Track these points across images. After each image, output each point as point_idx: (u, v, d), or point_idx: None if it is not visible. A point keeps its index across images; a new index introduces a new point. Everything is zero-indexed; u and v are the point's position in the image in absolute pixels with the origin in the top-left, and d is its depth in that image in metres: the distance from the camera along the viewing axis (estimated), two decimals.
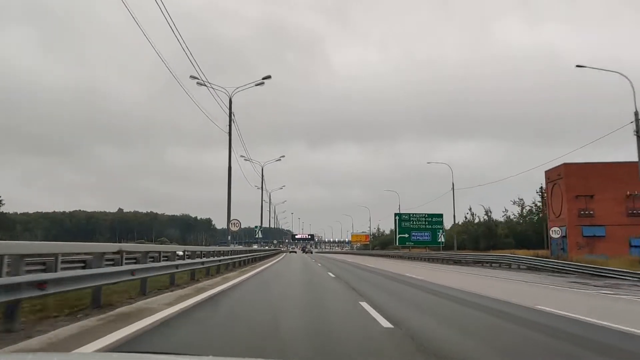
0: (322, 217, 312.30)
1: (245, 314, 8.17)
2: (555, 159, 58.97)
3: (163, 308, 7.92)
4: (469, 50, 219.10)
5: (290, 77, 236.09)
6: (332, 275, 19.32)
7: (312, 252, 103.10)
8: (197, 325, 6.71)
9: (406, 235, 57.20)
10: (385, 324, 6.86)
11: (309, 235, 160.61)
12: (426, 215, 57.55)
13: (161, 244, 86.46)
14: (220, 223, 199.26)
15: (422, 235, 57.16)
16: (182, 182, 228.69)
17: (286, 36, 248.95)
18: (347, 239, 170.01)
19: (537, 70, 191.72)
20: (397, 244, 58.14)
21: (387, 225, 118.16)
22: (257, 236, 48.54)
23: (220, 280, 14.99)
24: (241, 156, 40.46)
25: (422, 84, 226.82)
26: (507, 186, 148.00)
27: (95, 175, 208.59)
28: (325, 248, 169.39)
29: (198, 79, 24.56)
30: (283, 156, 49.15)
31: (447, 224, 60.90)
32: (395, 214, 58.56)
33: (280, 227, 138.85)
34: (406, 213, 58.33)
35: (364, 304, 9.15)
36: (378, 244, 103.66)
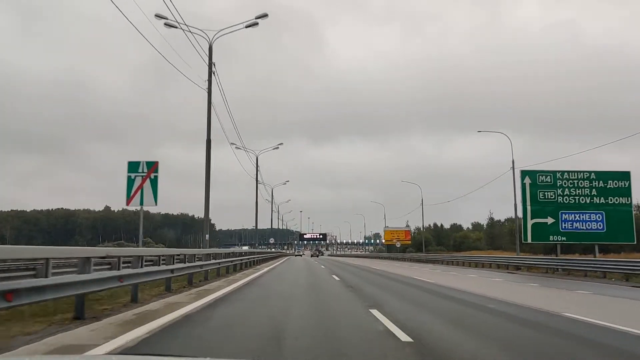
0: (333, 217, 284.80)
1: None
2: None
3: None
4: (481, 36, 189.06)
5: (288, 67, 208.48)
6: None
7: (317, 256, 73.75)
8: None
9: (549, 221, 25.33)
10: None
11: (320, 235, 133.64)
12: (593, 177, 25.72)
13: (146, 245, 61.08)
14: (221, 223, 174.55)
15: (583, 221, 25.37)
16: (181, 181, 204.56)
17: (283, 20, 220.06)
18: (364, 240, 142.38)
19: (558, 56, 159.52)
20: (530, 239, 26.04)
21: (413, 223, 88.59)
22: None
23: None
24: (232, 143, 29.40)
25: (431, 74, 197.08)
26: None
27: (85, 172, 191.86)
28: (338, 250, 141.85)
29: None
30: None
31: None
32: (523, 172, 26.51)
33: (287, 227, 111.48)
34: (548, 171, 26.36)
35: None
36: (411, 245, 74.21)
